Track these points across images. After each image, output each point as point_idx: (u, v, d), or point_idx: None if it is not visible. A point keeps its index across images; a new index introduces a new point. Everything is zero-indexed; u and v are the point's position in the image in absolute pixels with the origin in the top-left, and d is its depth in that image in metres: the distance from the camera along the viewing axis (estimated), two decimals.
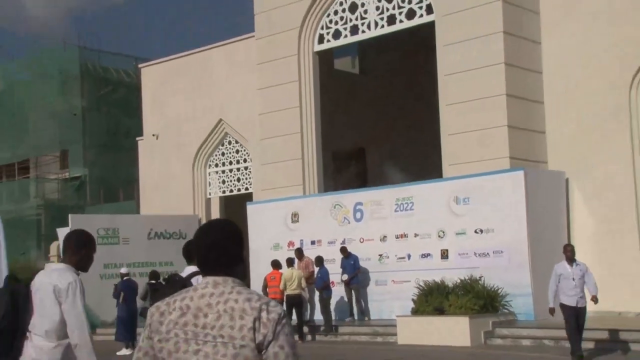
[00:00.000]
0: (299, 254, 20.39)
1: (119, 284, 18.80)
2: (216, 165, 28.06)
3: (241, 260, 3.06)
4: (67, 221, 23.96)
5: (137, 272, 22.60)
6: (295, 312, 18.75)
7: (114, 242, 23.82)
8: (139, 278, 20.87)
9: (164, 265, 23.85)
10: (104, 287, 20.66)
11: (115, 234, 24.15)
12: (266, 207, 22.86)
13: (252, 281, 21.07)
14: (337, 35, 23.14)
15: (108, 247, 23.12)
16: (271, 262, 19.63)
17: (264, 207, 22.94)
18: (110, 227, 24.02)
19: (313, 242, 21.45)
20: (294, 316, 18.63)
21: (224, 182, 27.79)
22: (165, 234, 25.47)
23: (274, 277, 19.21)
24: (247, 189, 26.94)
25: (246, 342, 2.85)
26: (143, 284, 18.75)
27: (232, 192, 27.63)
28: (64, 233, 23.34)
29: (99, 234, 22.84)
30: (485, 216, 18.36)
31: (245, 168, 27.19)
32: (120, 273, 19.36)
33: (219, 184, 27.92)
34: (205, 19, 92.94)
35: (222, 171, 27.87)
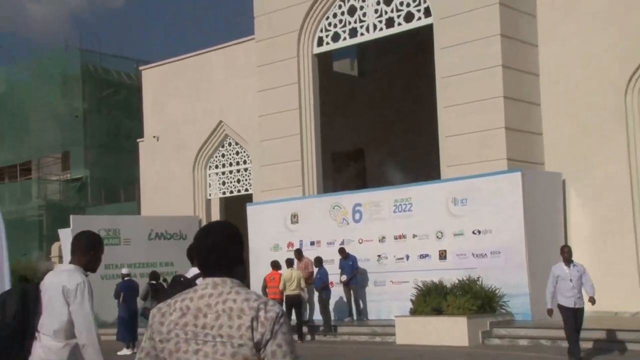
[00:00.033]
0: (299, 254, 20.44)
1: (119, 284, 18.93)
2: (216, 167, 28.16)
3: (241, 261, 3.09)
4: (68, 222, 24.03)
5: (138, 272, 22.70)
6: (295, 313, 18.80)
7: (115, 243, 23.89)
8: (140, 278, 20.97)
9: (164, 265, 24.01)
10: (104, 287, 20.74)
11: (116, 234, 24.24)
12: (266, 208, 22.92)
13: (252, 282, 21.14)
14: (336, 37, 23.21)
15: (109, 248, 23.00)
16: (271, 262, 19.67)
17: (263, 208, 23.00)
18: (111, 227, 24.07)
19: (312, 243, 21.50)
20: (293, 316, 18.67)
21: (224, 183, 27.89)
22: (165, 234, 25.57)
23: (274, 278, 19.23)
24: (247, 190, 27.02)
25: (244, 341, 2.88)
26: (144, 284, 18.92)
27: (232, 194, 27.73)
28: (65, 234, 23.49)
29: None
30: (483, 217, 18.41)
31: (245, 169, 27.28)
32: (121, 273, 19.48)
33: (219, 185, 28.01)
34: (204, 19, 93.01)
35: (222, 172, 27.98)
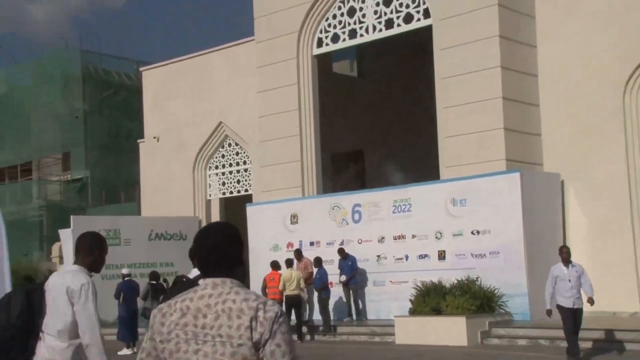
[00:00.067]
0: (298, 254, 20.48)
1: (120, 285, 19.00)
2: (216, 167, 28.22)
3: (241, 262, 3.10)
4: (69, 223, 24.07)
5: (138, 272, 22.75)
6: (294, 313, 18.85)
7: (115, 243, 23.91)
8: (140, 279, 21.03)
9: (164, 266, 24.08)
10: (105, 287, 20.79)
11: (117, 235, 24.30)
12: (265, 208, 22.97)
13: (252, 282, 21.17)
14: (335, 39, 23.25)
15: (109, 248, 23.03)
16: (270, 263, 19.70)
17: (263, 209, 23.05)
18: (111, 228, 24.11)
19: (312, 243, 21.55)
20: (293, 316, 18.71)
21: (224, 184, 27.94)
22: (165, 235, 25.63)
23: (273, 278, 19.27)
24: (246, 190, 27.07)
25: (243, 340, 2.89)
26: (144, 284, 18.99)
27: (232, 194, 27.78)
28: (65, 234, 23.54)
29: None
30: (482, 217, 18.45)
31: (245, 170, 27.34)
32: (122, 274, 19.55)
33: (219, 185, 28.07)
34: (205, 20, 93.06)
35: (222, 173, 28.03)
